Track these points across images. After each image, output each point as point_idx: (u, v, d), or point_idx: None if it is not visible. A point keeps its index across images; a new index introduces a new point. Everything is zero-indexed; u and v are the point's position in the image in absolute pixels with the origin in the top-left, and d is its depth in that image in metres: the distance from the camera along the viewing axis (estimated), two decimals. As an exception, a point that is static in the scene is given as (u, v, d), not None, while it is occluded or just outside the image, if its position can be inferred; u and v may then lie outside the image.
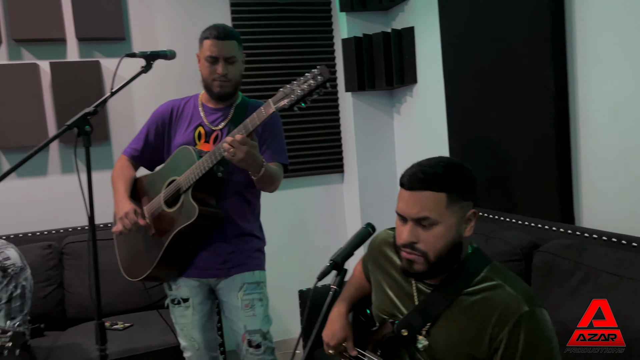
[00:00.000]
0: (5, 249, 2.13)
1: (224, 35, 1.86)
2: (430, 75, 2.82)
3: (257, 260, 1.99)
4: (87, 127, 1.56)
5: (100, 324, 1.61)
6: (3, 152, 2.89)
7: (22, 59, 2.90)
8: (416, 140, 3.08)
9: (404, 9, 3.03)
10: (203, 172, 1.77)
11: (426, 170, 1.22)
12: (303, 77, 1.60)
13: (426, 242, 1.22)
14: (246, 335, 1.94)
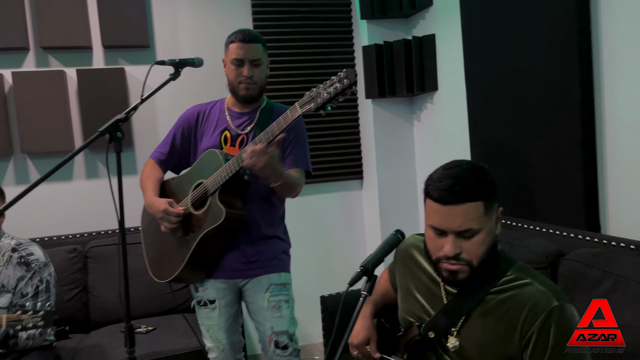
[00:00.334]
0: (29, 246, 2.18)
1: (249, 39, 1.90)
2: (451, 82, 2.83)
3: (283, 262, 2.02)
4: (118, 133, 1.59)
5: (129, 327, 1.62)
6: (30, 157, 2.95)
7: (49, 66, 2.96)
8: (436, 146, 3.08)
9: (425, 17, 3.04)
10: (230, 175, 1.80)
11: (460, 181, 1.21)
12: (329, 81, 1.62)
13: (469, 251, 1.23)
14: (273, 337, 1.95)
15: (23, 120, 2.85)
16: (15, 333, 1.84)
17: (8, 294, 2.06)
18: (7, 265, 2.07)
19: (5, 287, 2.06)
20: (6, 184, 2.92)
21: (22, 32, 2.85)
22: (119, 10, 2.97)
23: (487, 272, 1.27)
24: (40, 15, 2.86)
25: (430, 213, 1.26)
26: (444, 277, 1.29)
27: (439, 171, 1.28)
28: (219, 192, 1.84)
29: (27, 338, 2.02)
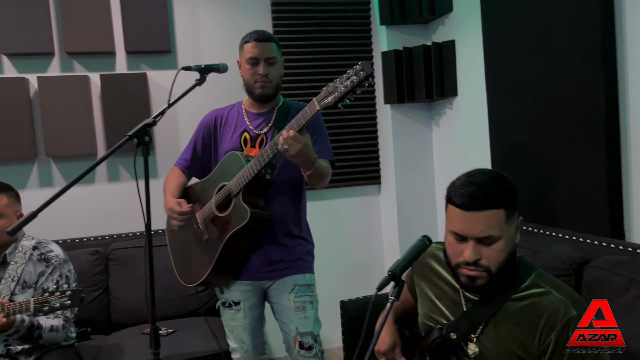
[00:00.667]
0: (48, 244, 2.23)
1: (263, 38, 1.94)
2: (471, 88, 2.83)
3: (307, 263, 2.03)
4: (146, 137, 1.61)
5: (154, 329, 1.64)
6: (54, 160, 3.00)
7: (73, 71, 3.02)
8: (456, 152, 3.08)
9: (445, 23, 3.05)
10: (252, 175, 1.83)
11: (483, 188, 1.24)
12: (345, 74, 1.64)
13: (489, 258, 1.25)
14: (297, 337, 1.97)
15: (48, 124, 2.90)
16: (49, 312, 1.86)
17: (30, 289, 2.10)
18: (27, 262, 2.12)
19: (27, 283, 2.10)
20: (30, 186, 2.97)
21: (47, 37, 2.91)
22: (142, 17, 3.02)
23: (505, 279, 1.29)
24: (66, 22, 2.92)
25: (452, 219, 1.28)
26: (462, 282, 1.31)
27: (462, 178, 1.30)
28: (242, 193, 1.86)
29: (51, 330, 2.05)
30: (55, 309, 1.85)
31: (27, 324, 1.96)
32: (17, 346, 2.07)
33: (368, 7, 3.42)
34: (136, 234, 3.04)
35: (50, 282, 2.12)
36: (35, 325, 1.99)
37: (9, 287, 2.06)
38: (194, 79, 1.83)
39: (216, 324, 2.66)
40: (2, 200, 2.12)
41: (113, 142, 3.00)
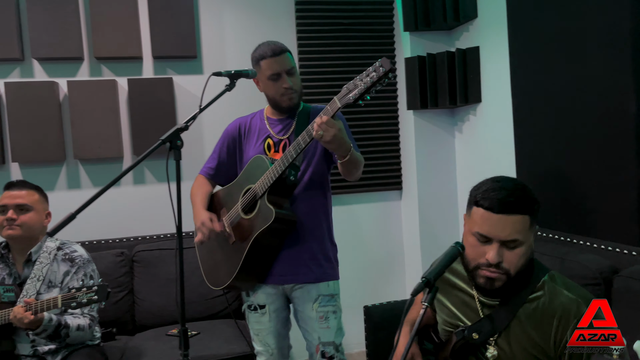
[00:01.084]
0: (72, 245, 2.27)
1: (279, 51, 1.94)
2: (496, 95, 2.82)
3: (331, 270, 2.04)
4: (178, 141, 1.64)
5: (184, 330, 1.66)
6: (82, 163, 3.06)
7: (102, 76, 3.08)
8: (479, 159, 3.07)
9: (469, 29, 3.05)
10: (276, 176, 1.85)
11: (514, 194, 1.29)
12: (365, 71, 1.65)
13: (510, 261, 1.30)
14: (320, 347, 1.99)
15: (76, 127, 2.96)
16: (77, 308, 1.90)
17: (56, 288, 2.14)
18: (52, 262, 2.16)
19: (53, 283, 2.14)
20: (58, 188, 3.03)
21: (77, 43, 2.97)
22: (169, 23, 3.07)
23: (521, 283, 1.34)
24: (95, 27, 2.98)
25: (478, 221, 1.32)
26: (479, 284, 1.35)
27: (488, 183, 1.35)
28: (267, 194, 1.89)
29: (78, 329, 2.08)
30: (83, 304, 1.88)
31: (54, 322, 2.00)
32: (43, 346, 2.11)
33: (391, 14, 3.43)
34: (160, 236, 3.07)
35: (75, 282, 2.16)
36: (62, 324, 2.03)
37: (35, 286, 2.10)
38: (219, 83, 1.87)
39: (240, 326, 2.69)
40: (34, 195, 2.19)
41: (139, 145, 3.05)
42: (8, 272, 2.16)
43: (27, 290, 2.09)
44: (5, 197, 2.15)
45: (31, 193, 2.19)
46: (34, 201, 2.18)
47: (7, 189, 2.17)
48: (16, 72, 2.97)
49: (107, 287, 1.90)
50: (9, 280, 2.15)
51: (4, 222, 2.13)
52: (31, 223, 2.16)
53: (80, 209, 1.45)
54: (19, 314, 1.89)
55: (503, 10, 2.65)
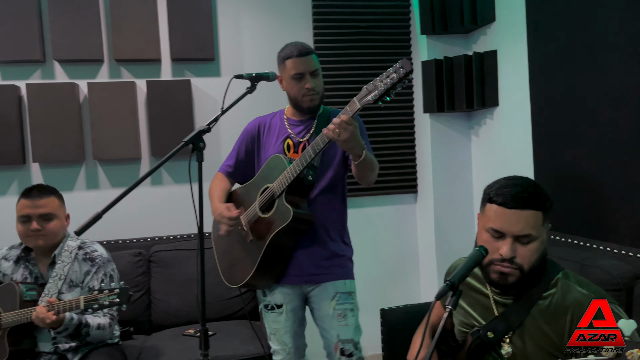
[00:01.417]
0: (92, 244, 2.29)
1: (305, 52, 1.97)
2: (513, 98, 2.81)
3: (347, 270, 2.06)
4: (201, 143, 1.66)
5: (204, 330, 1.68)
6: (100, 164, 3.10)
7: (121, 78, 3.11)
8: (496, 162, 3.05)
9: (486, 32, 3.04)
10: (294, 175, 1.87)
11: (526, 190, 1.33)
12: (385, 72, 1.66)
13: (523, 257, 1.33)
14: (339, 344, 2.00)
15: (96, 128, 3.00)
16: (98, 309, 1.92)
17: (77, 288, 2.16)
18: (73, 262, 2.18)
19: (74, 282, 2.17)
20: (77, 188, 3.07)
21: (98, 45, 3.01)
22: (188, 26, 3.10)
23: (534, 279, 1.36)
24: (115, 30, 3.02)
25: (492, 217, 1.35)
26: (493, 279, 1.37)
27: (502, 181, 1.40)
28: (285, 194, 1.90)
29: (98, 328, 2.11)
30: (105, 306, 1.90)
31: (75, 321, 2.02)
32: (64, 344, 2.14)
33: (408, 17, 3.44)
34: (177, 237, 3.10)
35: (96, 281, 2.18)
36: (83, 323, 2.05)
37: (57, 285, 2.12)
38: (237, 85, 1.89)
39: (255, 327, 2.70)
40: (54, 202, 2.19)
41: (157, 146, 3.08)
42: (29, 271, 2.19)
43: (49, 289, 2.11)
44: (26, 207, 2.13)
45: (52, 200, 2.17)
46: (55, 208, 2.18)
47: (25, 197, 2.15)
48: (37, 74, 3.02)
49: (128, 290, 1.92)
50: (31, 279, 2.18)
51: (29, 232, 2.13)
52: (56, 230, 2.17)
53: (106, 208, 1.48)
54: (41, 314, 1.91)
55: (522, 13, 2.64)
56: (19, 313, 2.00)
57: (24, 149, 2.97)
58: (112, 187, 3.11)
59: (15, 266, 2.20)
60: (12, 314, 2.02)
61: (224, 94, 1.80)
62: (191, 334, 2.68)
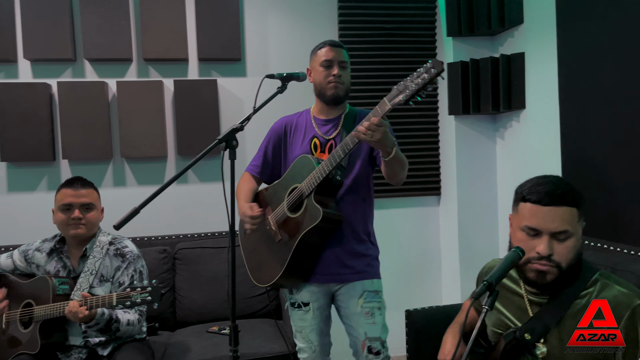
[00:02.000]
0: (123, 240, 2.33)
1: (337, 44, 2.06)
2: (541, 101, 2.78)
3: (375, 269, 2.07)
4: (234, 141, 1.68)
5: (234, 327, 1.70)
6: (127, 161, 3.14)
7: (149, 77, 3.16)
8: (521, 165, 3.03)
9: (514, 35, 3.02)
10: (323, 176, 1.88)
11: (560, 187, 1.33)
12: (416, 72, 1.67)
13: (560, 254, 1.32)
14: (366, 342, 2.01)
15: (124, 126, 3.04)
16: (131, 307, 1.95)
17: (107, 282, 2.20)
18: (105, 257, 2.22)
19: (105, 277, 2.20)
20: (105, 185, 3.12)
21: (127, 45, 3.06)
22: (215, 26, 3.13)
23: (572, 277, 1.35)
24: (145, 30, 3.06)
25: (527, 215, 1.35)
26: (530, 278, 1.36)
27: (534, 180, 1.40)
28: (314, 194, 1.91)
29: (128, 324, 2.14)
30: (137, 304, 1.92)
31: (106, 317, 2.06)
32: (94, 338, 2.17)
33: (434, 19, 3.43)
34: (201, 235, 3.13)
35: (126, 277, 2.22)
36: (114, 319, 2.09)
37: (88, 280, 2.16)
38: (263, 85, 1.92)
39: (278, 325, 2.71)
40: (94, 193, 2.25)
41: (183, 145, 3.12)
42: (62, 265, 2.23)
43: (81, 283, 2.15)
44: (69, 196, 2.18)
45: (92, 191, 2.24)
46: (95, 199, 2.24)
47: (68, 186, 2.21)
48: (68, 72, 3.07)
49: (160, 289, 1.94)
50: (64, 273, 2.22)
51: (69, 221, 2.17)
52: (94, 221, 2.23)
53: (143, 204, 1.51)
54: (74, 309, 1.95)
55: (552, 15, 2.62)
56: (52, 307, 2.04)
57: (54, 146, 3.03)
58: (138, 185, 3.15)
59: (48, 258, 2.25)
60: (44, 308, 2.06)
61: (255, 93, 1.87)
62: (215, 331, 2.70)
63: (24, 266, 2.28)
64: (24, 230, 2.98)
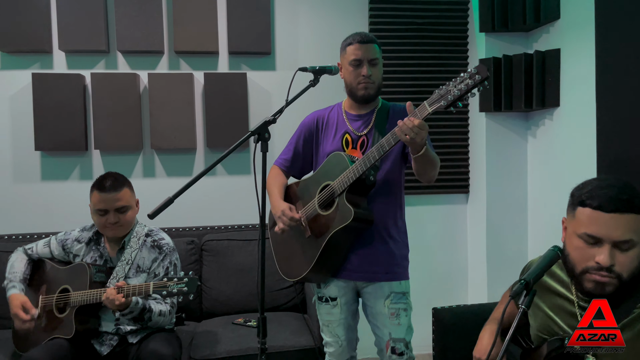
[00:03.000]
0: (159, 232, 2.36)
1: (366, 39, 1.97)
2: (576, 99, 2.72)
3: (403, 269, 2.05)
4: (266, 134, 1.67)
5: (263, 319, 1.69)
6: (157, 153, 3.18)
7: (180, 69, 3.18)
8: (554, 165, 2.97)
9: (549, 31, 2.95)
10: (356, 176, 1.86)
11: (625, 191, 1.22)
12: (459, 77, 1.62)
13: (622, 264, 1.22)
14: (390, 342, 2.00)
15: (154, 118, 3.08)
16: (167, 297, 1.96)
17: (144, 273, 2.24)
18: (141, 248, 2.25)
19: (141, 268, 2.24)
20: (135, 176, 3.16)
21: (159, 37, 3.09)
22: (246, 20, 3.14)
23: (632, 288, 1.26)
24: (177, 23, 3.08)
25: (586, 222, 1.25)
26: (587, 289, 1.27)
27: (594, 182, 1.28)
28: (346, 193, 1.90)
29: (160, 314, 2.17)
30: (173, 294, 1.94)
31: (140, 306, 2.09)
32: (126, 326, 2.21)
33: (466, 14, 3.38)
34: (228, 227, 3.15)
35: (161, 268, 2.25)
36: (147, 308, 2.12)
37: (124, 269, 2.20)
38: (287, 78, 1.89)
39: (303, 320, 2.72)
40: (127, 193, 2.24)
41: (212, 137, 3.14)
42: (100, 255, 2.28)
43: (117, 272, 2.19)
44: (102, 201, 2.17)
45: (125, 192, 2.21)
46: (129, 199, 2.23)
47: (100, 190, 2.18)
48: (102, 64, 3.12)
49: (197, 280, 1.96)
50: (101, 262, 2.26)
51: (107, 224, 2.19)
52: (131, 219, 2.25)
53: (177, 193, 1.53)
54: (112, 296, 1.98)
55: (590, 11, 2.55)
56: (88, 293, 2.08)
57: (86, 136, 3.08)
58: (167, 176, 3.19)
59: (87, 248, 2.29)
60: (81, 294, 2.10)
61: (285, 87, 1.84)
62: (240, 322, 2.72)
63: (62, 255, 2.33)
64: (57, 218, 3.05)
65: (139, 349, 2.16)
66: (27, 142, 3.05)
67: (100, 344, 2.18)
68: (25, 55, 3.05)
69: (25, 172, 3.08)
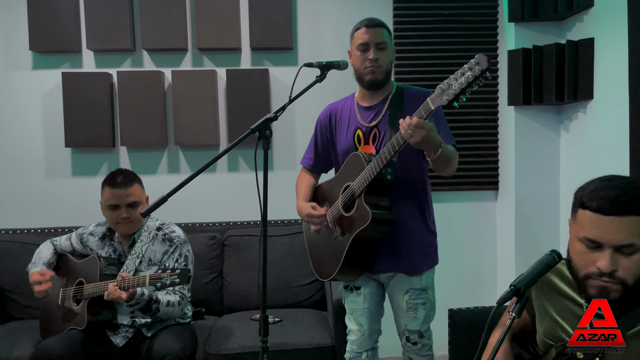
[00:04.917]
0: (171, 225, 2.39)
1: (373, 24, 1.93)
2: (611, 91, 2.56)
3: (427, 260, 2.03)
4: (267, 131, 1.65)
5: (265, 317, 1.69)
6: (181, 149, 3.23)
7: (203, 66, 3.21)
8: (587, 160, 2.81)
9: (583, 19, 2.79)
10: (372, 176, 1.83)
11: (627, 192, 1.14)
12: (460, 70, 1.56)
13: (626, 270, 1.14)
14: (405, 332, 2.04)
15: (178, 114, 3.12)
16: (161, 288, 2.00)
17: (154, 266, 2.28)
18: (153, 241, 2.29)
19: (152, 261, 2.28)
20: (160, 172, 3.22)
21: (182, 35, 3.13)
22: (268, 15, 3.13)
23: (638, 294, 1.17)
24: (199, 20, 3.11)
25: (586, 225, 1.18)
26: (591, 295, 1.19)
27: (597, 182, 1.20)
28: (364, 194, 1.87)
29: (167, 305, 2.20)
30: (167, 285, 1.98)
31: (146, 297, 2.12)
32: (141, 319, 2.26)
33: (495, 3, 3.25)
34: (250, 223, 3.17)
35: (171, 260, 2.29)
36: (153, 299, 2.15)
37: (134, 262, 2.25)
38: (313, 74, 1.86)
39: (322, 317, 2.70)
40: (138, 189, 2.28)
41: (235, 134, 3.15)
42: (113, 249, 2.34)
43: (127, 265, 2.24)
44: (114, 197, 2.21)
45: (135, 188, 2.26)
46: (139, 194, 2.28)
47: (111, 186, 2.22)
48: (128, 62, 3.19)
49: (188, 272, 1.98)
50: (115, 256, 2.32)
51: (118, 220, 2.24)
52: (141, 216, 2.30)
53: (170, 192, 1.53)
54: (112, 292, 2.02)
55: (624, -3, 2.39)
56: (98, 285, 2.14)
57: (113, 133, 3.17)
58: (191, 172, 3.21)
59: (101, 243, 2.36)
60: (92, 286, 2.16)
61: (292, 82, 1.79)
62: (257, 319, 2.73)
63: (80, 248, 2.41)
64: (86, 213, 3.14)
65: (151, 342, 2.20)
66: (58, 139, 3.16)
67: (116, 335, 2.24)
68: (56, 55, 3.16)
69: (56, 168, 3.20)
